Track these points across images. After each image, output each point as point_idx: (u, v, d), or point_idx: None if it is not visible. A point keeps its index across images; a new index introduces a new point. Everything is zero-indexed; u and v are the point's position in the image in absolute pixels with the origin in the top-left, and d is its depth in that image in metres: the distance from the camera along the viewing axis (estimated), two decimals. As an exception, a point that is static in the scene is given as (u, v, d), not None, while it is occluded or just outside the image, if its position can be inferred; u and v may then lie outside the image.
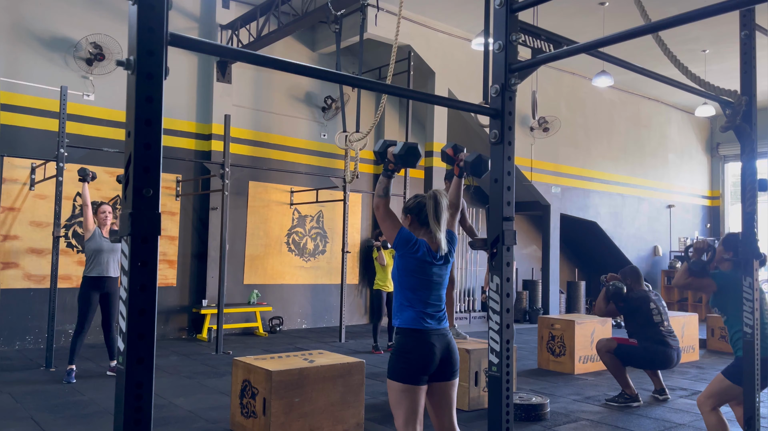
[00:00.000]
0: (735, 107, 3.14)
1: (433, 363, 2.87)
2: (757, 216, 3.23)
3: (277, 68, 1.73)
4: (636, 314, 5.39)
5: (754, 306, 3.19)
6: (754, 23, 3.31)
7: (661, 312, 5.38)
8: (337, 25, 7.51)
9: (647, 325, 5.32)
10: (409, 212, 3.09)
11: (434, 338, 2.89)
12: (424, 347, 2.85)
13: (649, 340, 5.28)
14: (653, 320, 5.32)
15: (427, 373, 2.87)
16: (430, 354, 2.86)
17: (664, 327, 5.32)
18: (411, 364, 2.83)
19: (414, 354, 2.84)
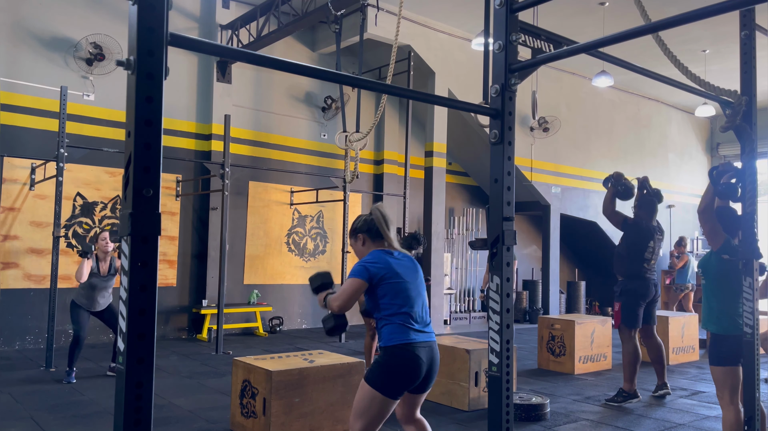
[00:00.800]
0: (735, 107, 3.14)
1: (418, 378, 2.82)
2: (757, 217, 3.23)
3: (277, 68, 1.73)
4: (632, 240, 5.54)
5: (754, 306, 3.19)
6: (754, 23, 3.31)
7: (654, 252, 5.54)
8: (337, 25, 7.51)
9: (635, 257, 5.49)
10: (359, 232, 3.04)
11: (421, 351, 2.82)
12: (412, 363, 2.79)
13: (627, 275, 5.50)
14: (644, 255, 5.49)
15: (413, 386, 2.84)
16: (417, 371, 2.80)
17: (649, 264, 5.52)
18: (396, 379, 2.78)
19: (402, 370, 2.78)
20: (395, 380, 2.78)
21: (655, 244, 5.54)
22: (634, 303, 5.47)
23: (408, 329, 2.84)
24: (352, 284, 2.85)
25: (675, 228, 14.54)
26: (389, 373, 2.78)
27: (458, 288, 11.54)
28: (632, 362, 5.39)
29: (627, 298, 5.48)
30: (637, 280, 5.49)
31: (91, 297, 5.78)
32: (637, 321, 5.48)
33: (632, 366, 5.38)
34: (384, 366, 2.80)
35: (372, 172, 10.85)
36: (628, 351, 5.44)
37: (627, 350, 5.45)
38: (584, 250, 13.72)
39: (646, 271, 5.51)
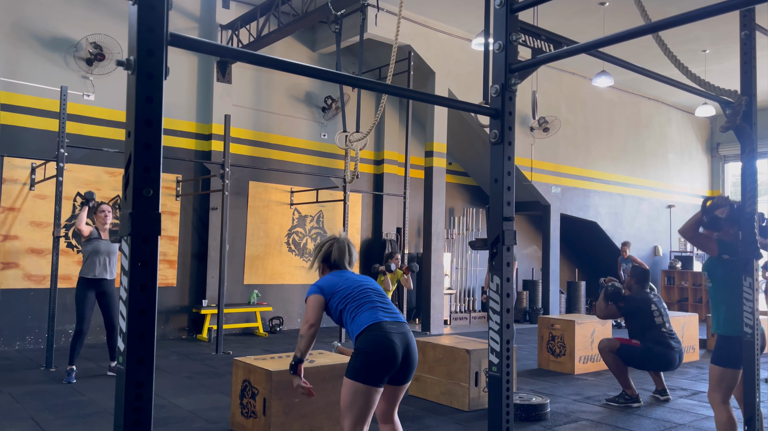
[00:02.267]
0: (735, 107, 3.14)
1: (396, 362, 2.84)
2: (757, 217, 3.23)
3: (277, 68, 1.73)
4: (637, 315, 5.39)
5: (754, 307, 3.19)
6: (754, 23, 3.31)
7: (662, 314, 5.37)
8: (337, 25, 7.50)
9: (649, 327, 5.31)
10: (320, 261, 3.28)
11: (393, 334, 2.86)
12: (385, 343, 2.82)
13: (651, 341, 5.28)
14: (655, 322, 5.31)
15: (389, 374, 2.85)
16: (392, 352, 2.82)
17: (666, 328, 5.32)
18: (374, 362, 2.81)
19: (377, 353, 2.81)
20: (373, 365, 2.79)
21: (658, 305, 5.42)
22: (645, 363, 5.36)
23: (376, 312, 2.91)
24: (310, 302, 3.02)
25: (675, 228, 14.54)
26: (365, 359, 2.80)
27: (458, 288, 11.53)
28: (620, 368, 5.33)
29: (644, 356, 5.29)
30: (660, 346, 5.27)
31: (96, 263, 5.81)
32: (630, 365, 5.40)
33: (622, 372, 5.32)
34: (359, 353, 2.83)
35: (372, 172, 10.85)
36: (609, 362, 5.39)
37: (608, 361, 5.41)
38: (584, 250, 13.73)
39: (669, 339, 5.29)
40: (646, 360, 5.30)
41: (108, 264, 5.89)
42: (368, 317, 2.89)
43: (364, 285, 3.06)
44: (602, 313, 5.63)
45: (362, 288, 3.04)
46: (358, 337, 2.87)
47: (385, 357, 2.79)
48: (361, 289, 3.03)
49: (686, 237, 4.04)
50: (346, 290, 3.01)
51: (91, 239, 5.83)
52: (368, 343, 2.82)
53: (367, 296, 3.00)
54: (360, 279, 3.13)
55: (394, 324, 2.90)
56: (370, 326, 2.85)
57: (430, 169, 9.92)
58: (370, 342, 2.82)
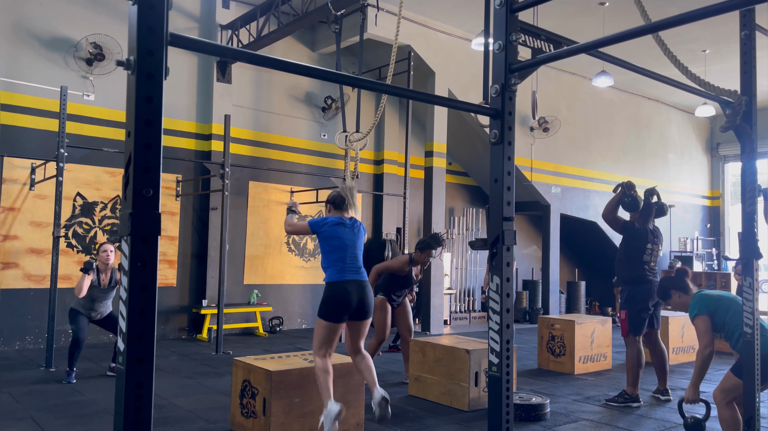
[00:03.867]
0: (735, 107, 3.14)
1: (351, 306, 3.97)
2: (757, 217, 3.23)
3: (277, 68, 1.73)
4: (630, 243, 5.53)
5: (754, 307, 3.19)
6: (754, 23, 3.31)
7: (653, 254, 5.52)
8: (337, 25, 7.49)
9: (635, 260, 5.47)
10: (327, 202, 4.40)
11: (351, 286, 3.97)
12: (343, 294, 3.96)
13: (629, 280, 5.46)
14: (642, 258, 5.47)
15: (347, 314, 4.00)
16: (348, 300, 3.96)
17: (649, 266, 5.49)
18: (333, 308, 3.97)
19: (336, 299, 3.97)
20: (332, 307, 3.96)
21: (653, 246, 5.53)
22: (640, 309, 5.41)
23: (342, 272, 4.00)
24: (303, 226, 4.25)
25: (675, 228, 14.54)
26: (327, 303, 3.98)
27: (458, 288, 11.53)
28: (636, 365, 5.35)
29: (633, 305, 5.41)
30: (640, 284, 5.44)
31: (90, 308, 5.81)
32: (643, 327, 5.46)
33: (635, 370, 5.34)
34: (324, 299, 4.00)
35: (372, 172, 10.85)
36: (631, 356, 5.40)
37: (631, 354, 5.41)
38: (584, 250, 13.72)
39: (647, 274, 5.47)
40: (638, 305, 5.40)
41: (102, 307, 5.87)
42: (336, 274, 4.00)
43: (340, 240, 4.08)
44: (608, 217, 5.64)
45: (345, 249, 4.07)
46: (326, 286, 4.01)
47: (342, 300, 3.96)
48: (343, 250, 4.06)
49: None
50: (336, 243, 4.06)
51: (90, 286, 5.71)
52: (331, 291, 3.98)
53: (343, 257, 4.04)
54: (349, 241, 4.10)
55: (353, 280, 4.00)
56: (335, 282, 3.98)
57: (430, 169, 9.92)
58: (332, 290, 3.98)
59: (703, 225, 15.48)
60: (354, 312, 4.00)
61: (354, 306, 3.98)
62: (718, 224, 15.64)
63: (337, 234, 4.07)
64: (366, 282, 4.07)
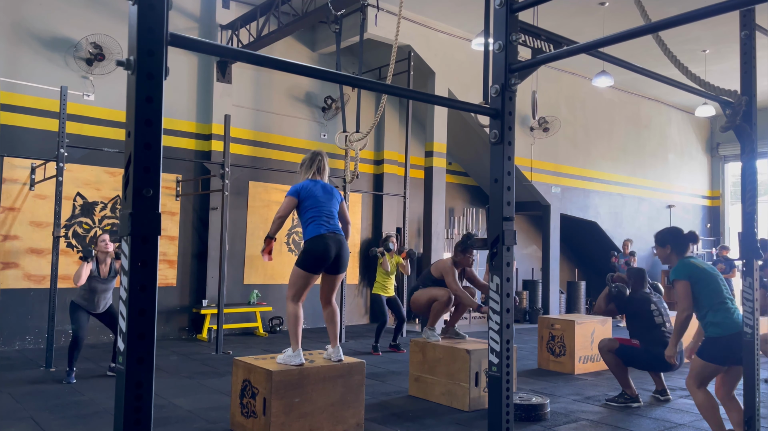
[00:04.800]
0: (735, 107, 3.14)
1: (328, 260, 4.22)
2: (757, 217, 3.23)
3: (277, 68, 1.73)
4: (637, 316, 5.37)
5: (754, 307, 3.19)
6: (754, 23, 3.31)
7: (662, 314, 5.35)
8: (337, 25, 7.50)
9: (649, 327, 5.29)
10: (300, 166, 4.56)
11: (330, 240, 4.21)
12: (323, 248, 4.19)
13: (651, 343, 5.23)
14: (654, 322, 5.29)
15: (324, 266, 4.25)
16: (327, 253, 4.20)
17: (666, 328, 5.28)
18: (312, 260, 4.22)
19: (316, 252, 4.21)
20: (312, 259, 4.20)
21: (658, 305, 5.40)
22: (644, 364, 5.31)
23: (320, 227, 4.24)
24: (286, 200, 4.33)
25: (675, 228, 14.52)
26: (307, 256, 4.22)
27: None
28: (618, 369, 5.31)
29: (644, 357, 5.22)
30: (660, 347, 5.04)
31: (91, 299, 5.77)
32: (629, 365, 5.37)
33: (622, 372, 5.30)
34: (304, 250, 4.24)
35: (372, 172, 10.85)
36: (609, 362, 5.36)
37: (608, 361, 5.38)
38: (584, 250, 13.73)
39: (668, 338, 5.16)
40: (645, 360, 5.27)
41: (103, 300, 5.84)
42: (315, 229, 4.24)
43: (318, 199, 4.31)
44: (601, 311, 5.65)
45: (320, 206, 4.29)
46: (306, 241, 4.25)
47: (321, 257, 4.20)
48: (319, 207, 4.29)
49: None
50: (311, 203, 4.30)
51: (90, 277, 5.69)
52: (311, 244, 4.21)
53: (320, 213, 4.27)
54: (323, 198, 4.33)
55: (331, 234, 4.24)
56: (315, 236, 4.22)
57: (430, 169, 9.93)
58: (312, 243, 4.21)
59: (703, 225, 15.48)
60: (330, 265, 4.26)
61: (331, 259, 4.22)
62: (718, 224, 15.64)
63: (312, 194, 4.31)
64: (343, 238, 4.31)
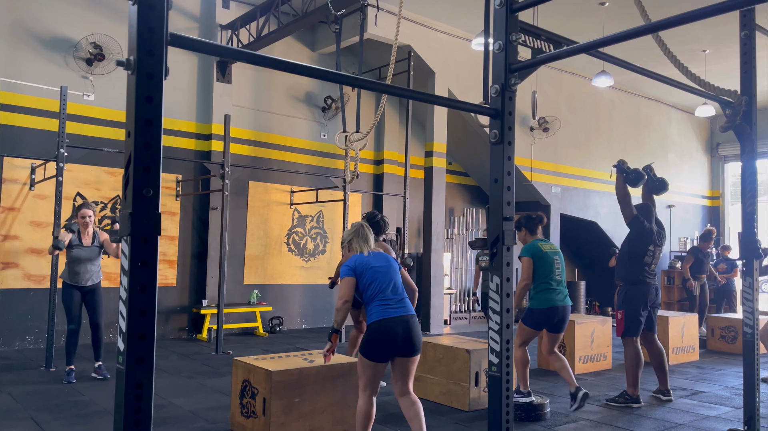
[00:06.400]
0: (735, 107, 3.14)
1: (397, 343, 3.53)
2: (757, 217, 3.24)
3: (277, 68, 1.73)
4: (634, 242, 5.52)
5: (754, 307, 3.19)
6: (754, 23, 3.31)
7: (654, 257, 5.50)
8: (337, 25, 7.50)
9: (636, 261, 5.45)
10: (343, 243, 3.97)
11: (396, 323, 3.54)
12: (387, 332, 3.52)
13: (627, 280, 5.45)
14: (643, 260, 5.45)
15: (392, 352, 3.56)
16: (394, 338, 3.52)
17: (649, 268, 5.47)
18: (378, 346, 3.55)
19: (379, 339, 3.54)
20: (375, 348, 3.53)
21: (656, 249, 5.49)
22: (636, 308, 5.39)
23: (386, 309, 3.58)
24: (345, 282, 3.64)
25: (675, 228, 14.54)
26: (371, 344, 3.56)
27: (458, 288, 11.53)
28: (634, 366, 5.32)
29: (630, 305, 5.39)
30: (638, 285, 5.42)
31: (76, 270, 5.74)
32: (640, 328, 5.43)
33: (634, 370, 5.31)
34: (367, 339, 3.59)
35: (372, 172, 10.85)
36: (630, 356, 5.38)
37: (629, 355, 5.39)
38: (584, 250, 13.72)
39: (646, 276, 5.44)
40: (634, 305, 5.38)
41: (88, 272, 5.81)
42: (378, 312, 3.57)
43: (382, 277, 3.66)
44: (621, 194, 5.79)
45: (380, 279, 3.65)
46: (369, 325, 3.60)
47: (387, 340, 3.51)
48: (379, 282, 3.64)
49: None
50: (369, 277, 3.65)
51: (72, 245, 5.70)
52: (374, 331, 3.55)
53: (381, 291, 3.63)
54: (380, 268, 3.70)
55: (397, 318, 3.56)
56: (378, 321, 3.55)
57: (430, 169, 9.92)
58: (376, 331, 3.54)
59: (703, 225, 15.47)
60: (401, 348, 3.55)
61: (400, 343, 3.52)
62: (718, 224, 15.63)
63: (369, 265, 3.68)
64: (412, 317, 3.62)
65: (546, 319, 5.01)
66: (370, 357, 3.53)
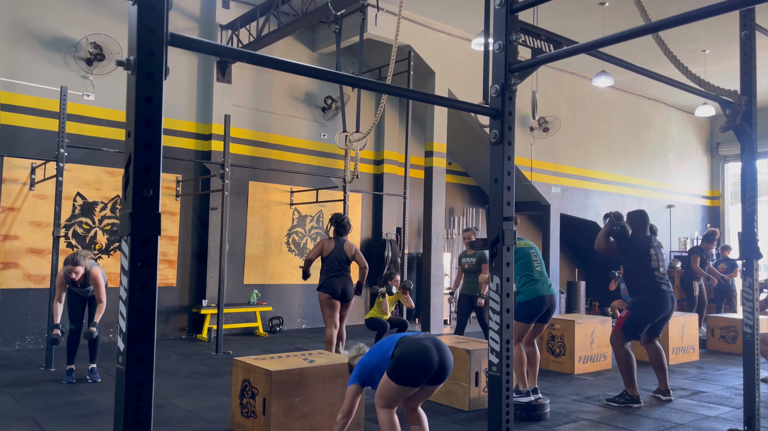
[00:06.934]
0: (735, 107, 3.14)
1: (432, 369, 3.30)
2: (757, 217, 3.24)
3: (277, 68, 1.73)
4: (634, 257, 5.45)
5: (754, 307, 3.19)
6: (754, 23, 3.31)
7: (659, 259, 5.43)
8: (337, 25, 7.50)
9: (643, 270, 5.36)
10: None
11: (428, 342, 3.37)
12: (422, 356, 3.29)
13: (641, 290, 5.34)
14: (650, 266, 5.36)
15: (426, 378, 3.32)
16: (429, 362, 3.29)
17: (659, 273, 5.37)
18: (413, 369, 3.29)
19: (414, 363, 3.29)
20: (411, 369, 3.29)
21: (656, 251, 5.42)
22: (643, 317, 5.31)
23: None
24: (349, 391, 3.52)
25: (675, 228, 14.55)
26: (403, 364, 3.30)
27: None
28: (628, 367, 5.29)
29: (638, 311, 5.29)
30: (651, 293, 5.27)
31: (74, 309, 5.79)
32: (637, 335, 5.38)
33: (629, 371, 5.28)
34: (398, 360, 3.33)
35: (372, 172, 10.85)
36: (620, 358, 5.34)
37: (619, 357, 5.35)
38: (584, 250, 13.72)
39: (660, 282, 5.30)
40: (642, 314, 5.30)
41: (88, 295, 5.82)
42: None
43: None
44: (600, 248, 5.64)
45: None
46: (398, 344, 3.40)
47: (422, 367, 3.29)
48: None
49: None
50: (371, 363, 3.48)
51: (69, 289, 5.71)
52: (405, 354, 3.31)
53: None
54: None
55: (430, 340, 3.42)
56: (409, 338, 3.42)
57: (430, 169, 9.92)
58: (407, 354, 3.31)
59: (703, 225, 15.47)
60: (434, 376, 3.35)
61: (435, 369, 3.31)
62: (718, 224, 15.63)
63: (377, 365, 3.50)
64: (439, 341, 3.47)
65: (536, 310, 5.02)
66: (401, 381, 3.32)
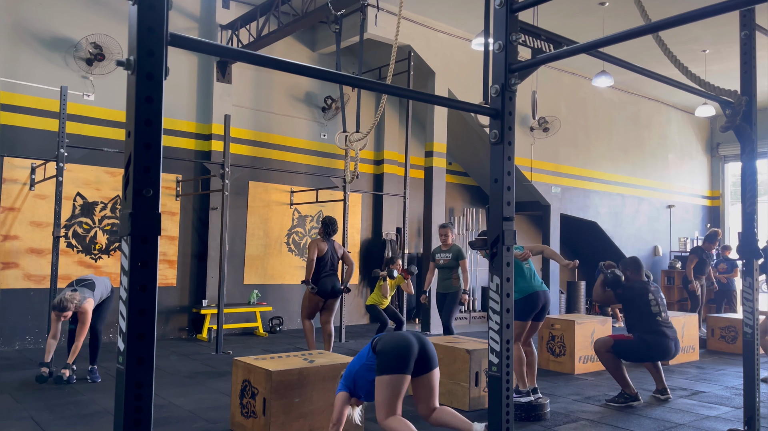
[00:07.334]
0: (735, 107, 3.14)
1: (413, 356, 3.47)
2: (757, 217, 3.24)
3: (277, 68, 1.74)
4: (633, 303, 5.42)
5: (754, 307, 3.19)
6: (754, 23, 3.31)
7: (659, 303, 5.40)
8: (337, 25, 7.50)
9: (645, 315, 5.33)
10: None
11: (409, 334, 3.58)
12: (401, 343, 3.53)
13: (645, 332, 5.29)
14: (651, 310, 5.33)
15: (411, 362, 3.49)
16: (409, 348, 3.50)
17: (662, 317, 5.33)
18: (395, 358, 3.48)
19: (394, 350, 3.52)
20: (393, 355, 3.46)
21: (655, 295, 5.42)
22: (642, 355, 5.32)
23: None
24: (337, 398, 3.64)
25: (675, 228, 14.55)
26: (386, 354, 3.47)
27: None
28: (615, 369, 5.31)
29: (639, 346, 5.27)
30: (653, 335, 5.25)
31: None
32: (632, 360, 5.41)
33: (619, 372, 5.29)
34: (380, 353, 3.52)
35: (372, 172, 10.85)
36: (605, 360, 5.37)
37: (603, 359, 5.38)
38: (584, 250, 13.72)
39: (663, 327, 5.29)
40: (640, 351, 5.30)
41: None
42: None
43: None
44: (599, 298, 5.69)
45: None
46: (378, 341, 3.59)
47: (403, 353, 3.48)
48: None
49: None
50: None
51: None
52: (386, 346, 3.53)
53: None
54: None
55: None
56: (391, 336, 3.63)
57: (430, 169, 9.92)
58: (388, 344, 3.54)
59: (703, 225, 15.48)
60: (417, 364, 3.48)
61: (415, 355, 3.46)
62: (718, 224, 15.63)
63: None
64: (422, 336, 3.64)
65: (532, 305, 4.97)
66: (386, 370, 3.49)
